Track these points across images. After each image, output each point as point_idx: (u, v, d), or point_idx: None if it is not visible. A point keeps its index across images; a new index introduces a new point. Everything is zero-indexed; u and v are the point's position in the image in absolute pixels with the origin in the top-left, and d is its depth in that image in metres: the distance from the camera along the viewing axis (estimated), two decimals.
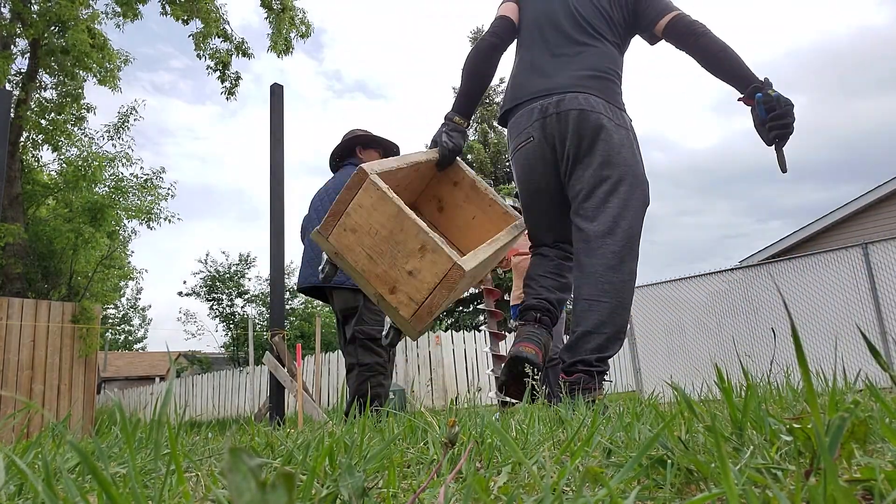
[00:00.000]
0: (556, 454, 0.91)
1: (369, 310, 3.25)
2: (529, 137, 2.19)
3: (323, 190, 3.59)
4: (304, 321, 20.08)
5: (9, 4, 9.84)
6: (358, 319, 3.24)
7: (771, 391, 1.64)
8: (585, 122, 2.09)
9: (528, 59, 2.30)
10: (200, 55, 10.78)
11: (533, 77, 2.24)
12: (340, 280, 3.23)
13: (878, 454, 0.73)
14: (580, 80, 2.15)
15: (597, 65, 2.19)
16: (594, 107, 2.10)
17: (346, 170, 3.53)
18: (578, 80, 2.15)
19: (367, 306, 3.25)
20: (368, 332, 3.22)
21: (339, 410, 2.04)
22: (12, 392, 7.14)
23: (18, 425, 6.19)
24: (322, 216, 3.38)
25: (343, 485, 0.68)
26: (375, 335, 3.23)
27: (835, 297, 8.12)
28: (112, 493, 0.50)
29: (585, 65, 2.18)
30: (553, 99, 2.14)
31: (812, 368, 0.57)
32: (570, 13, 2.26)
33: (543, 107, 2.15)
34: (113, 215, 10.76)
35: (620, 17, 2.28)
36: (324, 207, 3.48)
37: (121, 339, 37.63)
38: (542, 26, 2.30)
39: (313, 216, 3.54)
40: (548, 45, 2.27)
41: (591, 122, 2.09)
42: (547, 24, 2.30)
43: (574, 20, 2.25)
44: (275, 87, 5.18)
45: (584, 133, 2.09)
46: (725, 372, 1.03)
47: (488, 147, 17.84)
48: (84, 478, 0.90)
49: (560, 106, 2.12)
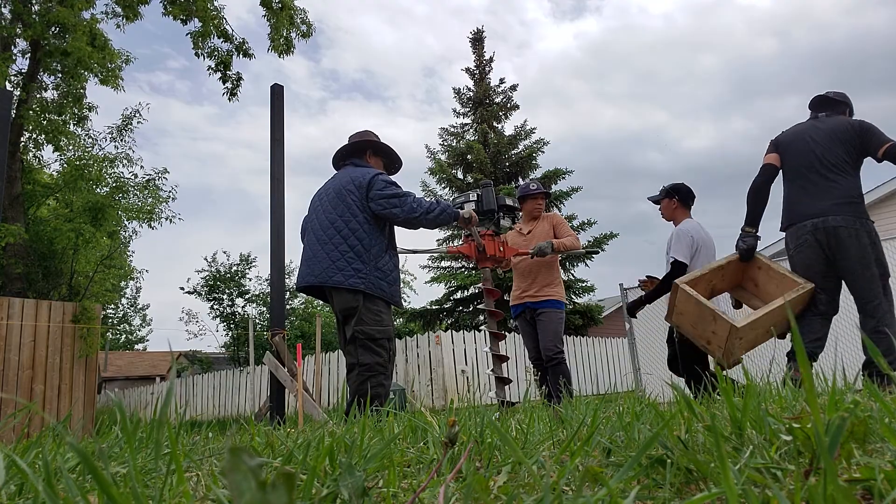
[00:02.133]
0: (555, 454, 0.91)
1: (369, 310, 3.25)
2: (806, 242, 3.40)
3: (323, 189, 3.58)
4: (304, 321, 20.09)
5: (9, 5, 9.84)
6: (358, 320, 3.22)
7: (770, 391, 1.64)
8: (842, 234, 3.32)
9: (795, 190, 3.53)
10: (199, 54, 10.77)
11: (803, 202, 3.47)
12: (339, 280, 3.23)
13: (878, 454, 0.73)
14: (835, 205, 3.35)
15: (845, 193, 3.38)
16: (847, 223, 3.31)
17: (346, 170, 3.53)
18: (834, 205, 3.35)
19: (366, 306, 3.25)
20: (368, 333, 3.21)
21: (339, 410, 2.04)
22: (13, 392, 7.14)
23: (19, 425, 6.19)
24: (320, 216, 3.46)
25: (343, 484, 0.68)
26: (375, 335, 3.22)
27: None
28: (112, 493, 0.51)
29: (837, 194, 3.37)
30: (820, 219, 3.37)
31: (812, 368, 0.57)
32: (821, 160, 3.45)
33: (814, 224, 3.38)
34: (113, 215, 10.75)
35: (855, 155, 3.44)
36: (322, 207, 3.47)
37: (121, 339, 37.64)
38: (802, 168, 3.51)
39: (312, 217, 3.53)
40: (808, 180, 3.48)
41: (844, 233, 3.32)
42: (805, 167, 3.50)
43: (825, 164, 3.43)
44: (275, 87, 5.18)
45: (841, 241, 3.32)
46: (725, 372, 1.03)
47: (488, 147, 17.84)
48: (84, 478, 0.90)
49: (826, 223, 3.34)
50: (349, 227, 3.31)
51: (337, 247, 3.29)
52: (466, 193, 4.26)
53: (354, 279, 3.22)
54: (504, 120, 19.08)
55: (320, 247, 3.34)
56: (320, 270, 3.29)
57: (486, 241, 4.21)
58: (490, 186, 4.42)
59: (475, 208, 4.17)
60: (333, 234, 3.32)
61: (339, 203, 3.36)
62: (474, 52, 19.45)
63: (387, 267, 3.37)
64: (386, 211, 3.32)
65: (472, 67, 19.37)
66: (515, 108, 19.06)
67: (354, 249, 3.28)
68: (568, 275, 16.92)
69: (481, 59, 19.35)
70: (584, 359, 13.61)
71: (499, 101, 19.05)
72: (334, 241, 3.31)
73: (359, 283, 3.22)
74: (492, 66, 19.42)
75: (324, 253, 3.31)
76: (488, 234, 4.27)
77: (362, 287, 3.22)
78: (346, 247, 3.28)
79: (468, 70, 19.42)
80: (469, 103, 19.21)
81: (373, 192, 3.33)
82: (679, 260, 4.06)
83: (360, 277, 3.23)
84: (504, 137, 18.22)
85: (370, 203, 3.33)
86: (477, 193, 4.32)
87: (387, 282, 3.33)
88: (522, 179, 18.17)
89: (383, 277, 3.32)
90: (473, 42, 19.46)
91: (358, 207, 3.34)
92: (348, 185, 3.39)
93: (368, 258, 3.28)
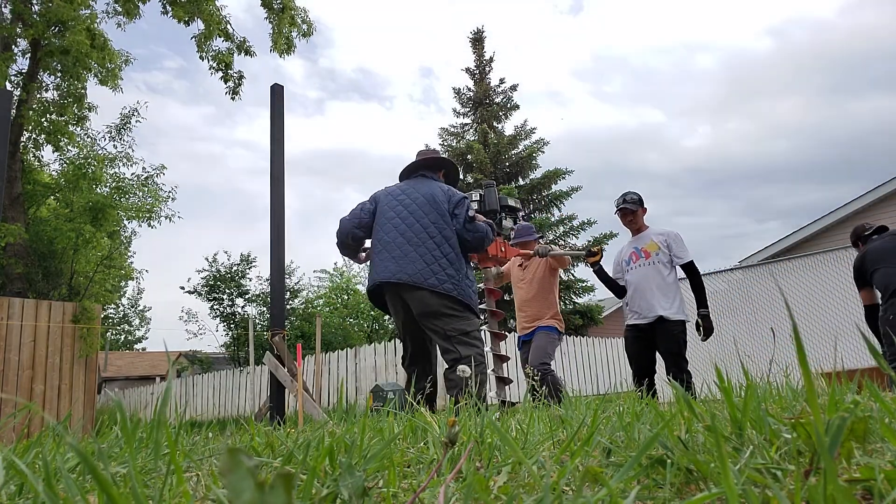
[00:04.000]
0: (555, 454, 0.91)
1: (455, 310, 3.42)
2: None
3: (405, 194, 3.67)
4: (304, 321, 20.08)
5: (9, 5, 9.84)
6: (448, 319, 3.39)
7: (770, 391, 1.64)
8: None
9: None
10: (203, 56, 10.76)
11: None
12: (433, 283, 3.38)
13: (878, 454, 0.73)
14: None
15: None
16: None
17: (431, 182, 3.70)
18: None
19: (453, 307, 3.41)
20: (461, 328, 3.40)
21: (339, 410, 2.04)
22: (13, 392, 7.14)
23: (19, 425, 6.19)
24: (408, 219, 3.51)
25: (343, 484, 0.68)
26: (467, 328, 3.42)
27: (835, 297, 8.11)
28: (112, 493, 0.50)
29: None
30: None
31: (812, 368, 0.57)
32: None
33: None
34: (113, 215, 10.74)
35: None
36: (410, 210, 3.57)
37: (121, 339, 37.63)
38: None
39: (393, 216, 3.61)
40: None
41: None
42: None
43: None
44: (275, 87, 5.18)
45: None
46: (725, 372, 1.03)
47: (488, 147, 17.83)
48: (84, 478, 0.90)
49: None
50: (443, 235, 3.49)
51: (430, 251, 3.45)
52: (469, 194, 4.27)
53: (448, 284, 3.41)
54: (504, 120, 19.09)
55: (412, 248, 3.47)
56: (414, 271, 3.42)
57: None
58: (493, 187, 4.43)
59: (477, 208, 4.19)
60: (426, 239, 3.48)
61: (432, 210, 3.54)
62: (474, 52, 19.46)
63: (472, 276, 3.59)
64: (466, 234, 3.52)
65: (472, 67, 19.38)
66: (515, 108, 19.07)
67: (448, 256, 3.46)
68: (568, 275, 16.92)
69: (481, 59, 19.36)
70: (584, 359, 13.61)
71: (499, 101, 19.06)
72: (427, 245, 3.46)
73: (452, 288, 3.40)
74: (492, 66, 19.43)
75: (417, 255, 3.45)
76: None
77: (455, 293, 3.40)
78: (439, 252, 3.45)
79: (468, 70, 19.43)
80: (469, 103, 19.22)
81: (458, 210, 3.55)
82: (692, 260, 4.17)
83: (453, 283, 3.42)
84: (504, 137, 18.22)
85: (453, 220, 3.54)
86: (479, 194, 4.33)
87: (473, 290, 3.54)
88: (523, 179, 18.18)
89: (471, 286, 3.53)
90: (473, 42, 19.46)
91: (451, 219, 3.54)
92: (440, 195, 3.58)
93: (460, 266, 3.48)
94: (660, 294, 4.10)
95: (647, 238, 4.24)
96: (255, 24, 43.00)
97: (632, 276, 4.24)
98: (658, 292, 4.10)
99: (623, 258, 4.37)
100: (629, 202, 4.26)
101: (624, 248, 4.41)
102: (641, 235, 4.30)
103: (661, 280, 4.12)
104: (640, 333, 4.15)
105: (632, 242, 4.34)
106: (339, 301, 21.56)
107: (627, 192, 4.31)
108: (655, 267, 4.16)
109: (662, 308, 4.07)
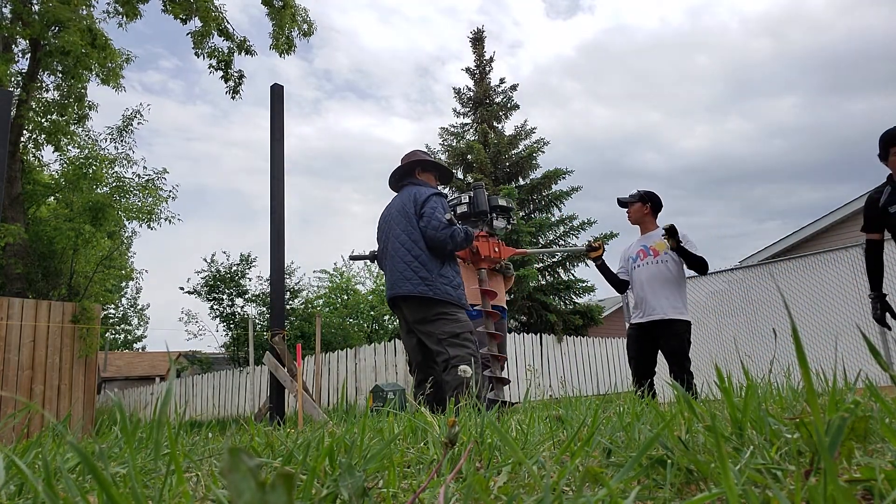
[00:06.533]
0: (556, 454, 0.91)
1: (443, 313, 3.50)
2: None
3: (387, 210, 3.83)
4: (304, 321, 20.06)
5: (9, 5, 9.83)
6: (437, 322, 3.47)
7: (771, 391, 1.64)
8: None
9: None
10: (199, 54, 10.74)
11: None
12: (408, 289, 3.46)
13: (878, 454, 0.73)
14: None
15: None
16: None
17: (407, 189, 3.78)
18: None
19: (439, 311, 3.49)
20: (450, 331, 3.46)
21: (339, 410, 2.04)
22: (12, 392, 7.14)
23: (19, 425, 6.19)
24: (389, 235, 3.64)
25: (343, 484, 0.68)
26: (457, 331, 3.47)
27: (835, 297, 8.11)
28: (112, 493, 0.50)
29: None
30: None
31: (812, 368, 0.57)
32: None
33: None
34: (113, 215, 10.73)
35: None
36: (389, 226, 3.72)
37: (121, 339, 37.60)
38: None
39: (384, 237, 3.78)
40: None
41: None
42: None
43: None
44: (275, 87, 5.18)
45: None
46: (725, 372, 1.03)
47: (489, 147, 17.83)
48: (84, 478, 0.90)
49: None
50: (412, 239, 3.56)
51: (402, 258, 3.55)
52: (458, 196, 4.35)
53: (423, 286, 3.46)
54: (504, 120, 19.08)
55: (393, 262, 3.61)
56: (395, 282, 3.55)
57: (479, 243, 4.23)
58: (481, 188, 4.44)
59: (466, 210, 4.25)
60: (398, 248, 3.58)
61: (402, 219, 3.64)
62: (474, 52, 19.45)
63: (450, 273, 3.61)
64: (429, 232, 3.53)
65: (472, 67, 19.37)
66: (516, 108, 19.05)
67: (419, 259, 3.52)
68: (568, 275, 16.94)
69: (481, 59, 19.35)
70: (584, 359, 13.61)
71: (499, 101, 19.05)
72: (399, 253, 3.57)
73: (427, 290, 3.45)
74: (492, 65, 19.43)
75: (395, 267, 3.58)
76: (482, 236, 4.28)
77: (430, 294, 3.45)
78: (410, 257, 3.53)
79: (468, 70, 19.42)
80: (469, 103, 19.21)
81: (424, 209, 3.58)
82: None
83: (427, 285, 3.47)
84: (504, 137, 18.21)
85: (420, 220, 3.58)
86: (469, 196, 4.37)
87: (451, 286, 3.57)
88: (523, 179, 18.18)
89: (448, 283, 3.55)
90: (473, 42, 19.45)
91: (418, 220, 3.60)
92: (408, 200, 3.67)
93: (432, 266, 3.52)
94: (667, 293, 4.11)
95: (657, 237, 4.26)
96: (251, 25, 43.00)
97: (638, 274, 4.26)
98: (665, 291, 4.11)
99: (630, 254, 4.40)
100: (630, 196, 4.39)
101: (632, 245, 4.45)
102: (650, 234, 4.33)
103: (667, 279, 4.13)
104: (642, 332, 4.16)
105: (640, 240, 4.38)
106: (338, 301, 21.55)
107: (639, 189, 4.43)
108: (663, 266, 4.17)
109: (668, 307, 4.08)
